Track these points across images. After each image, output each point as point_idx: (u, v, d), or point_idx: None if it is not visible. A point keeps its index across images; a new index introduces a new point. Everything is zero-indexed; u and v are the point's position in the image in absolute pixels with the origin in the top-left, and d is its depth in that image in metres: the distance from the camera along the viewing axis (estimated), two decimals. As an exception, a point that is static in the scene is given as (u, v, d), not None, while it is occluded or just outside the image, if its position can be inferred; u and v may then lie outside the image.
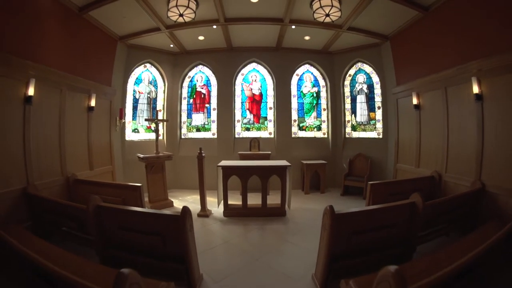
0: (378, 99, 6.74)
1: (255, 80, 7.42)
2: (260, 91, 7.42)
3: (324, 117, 7.48)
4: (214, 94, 7.29)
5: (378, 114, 6.75)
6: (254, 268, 3.09)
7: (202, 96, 7.43)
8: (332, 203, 2.63)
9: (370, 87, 6.91)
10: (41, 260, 1.90)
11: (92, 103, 4.95)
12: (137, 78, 6.79)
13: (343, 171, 6.62)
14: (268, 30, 5.99)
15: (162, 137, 7.08)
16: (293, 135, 7.30)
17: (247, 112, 7.39)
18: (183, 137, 7.38)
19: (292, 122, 7.31)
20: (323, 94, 7.50)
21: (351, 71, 7.22)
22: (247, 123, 7.39)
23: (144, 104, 6.92)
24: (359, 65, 7.08)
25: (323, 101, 7.51)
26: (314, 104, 7.48)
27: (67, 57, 4.42)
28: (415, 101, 5.10)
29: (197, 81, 7.44)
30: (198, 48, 6.97)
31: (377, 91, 6.76)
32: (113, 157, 5.72)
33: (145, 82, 6.93)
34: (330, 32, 5.98)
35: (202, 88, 7.43)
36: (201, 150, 4.91)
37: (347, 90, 7.28)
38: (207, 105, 7.40)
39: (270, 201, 5.04)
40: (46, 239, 2.86)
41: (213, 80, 7.32)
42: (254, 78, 7.42)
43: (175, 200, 5.78)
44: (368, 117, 6.97)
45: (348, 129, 7.24)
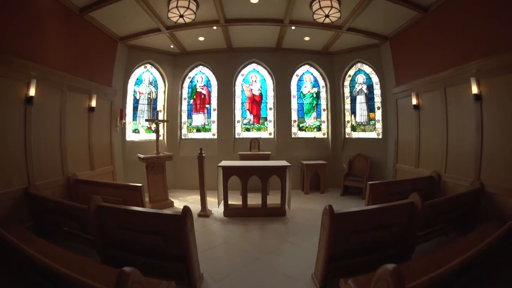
0: (378, 100, 6.76)
1: (255, 81, 7.44)
2: (260, 92, 7.44)
3: (324, 118, 7.50)
4: (214, 95, 7.31)
5: (378, 115, 6.76)
6: (254, 268, 3.10)
7: (202, 97, 7.44)
8: (332, 203, 2.65)
9: (370, 88, 6.93)
10: (43, 259, 1.91)
11: (93, 104, 4.98)
12: (138, 79, 6.81)
13: (343, 171, 6.63)
14: (268, 31, 6.01)
15: (163, 138, 7.10)
16: (293, 136, 7.31)
17: (247, 113, 7.41)
18: (183, 138, 7.40)
19: (292, 123, 7.33)
20: (323, 95, 7.52)
21: (351, 72, 7.24)
22: (247, 124, 7.40)
23: (145, 105, 6.94)
24: (359, 66, 7.10)
25: (323, 102, 7.53)
26: (314, 105, 7.50)
27: (68, 58, 4.44)
28: (415, 102, 5.12)
29: (197, 82, 7.46)
30: (198, 49, 7.00)
31: (377, 92, 6.78)
32: (114, 158, 5.74)
33: (146, 83, 6.95)
34: (330, 33, 6.00)
35: (202, 89, 7.45)
36: (202, 151, 4.93)
37: (347, 91, 7.30)
38: (207, 106, 7.42)
39: (270, 201, 5.06)
40: (47, 239, 2.87)
41: (213, 81, 7.34)
42: (254, 79, 7.44)
43: (176, 200, 5.80)
44: (368, 118, 6.99)
45: (348, 130, 7.25)
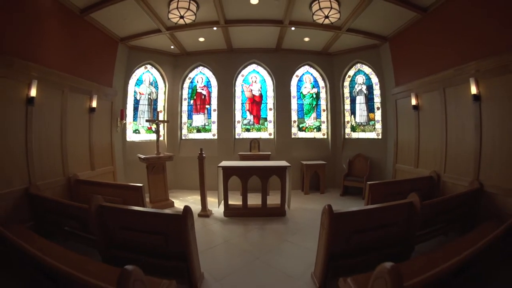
0: (377, 100, 6.78)
1: (255, 81, 7.46)
2: (260, 92, 7.46)
3: (324, 118, 7.52)
4: (215, 95, 7.33)
5: (377, 115, 6.78)
6: (254, 267, 3.12)
7: (203, 97, 7.47)
8: (332, 203, 2.65)
9: (369, 88, 6.95)
10: (44, 257, 1.93)
11: (94, 104, 5.00)
12: (138, 79, 6.83)
13: (343, 172, 6.65)
14: (268, 32, 6.03)
15: (163, 138, 7.12)
16: (293, 136, 7.33)
17: (247, 113, 7.43)
18: (184, 138, 7.42)
19: (292, 123, 7.35)
20: (323, 95, 7.55)
21: (351, 72, 7.26)
22: (247, 124, 7.42)
23: (145, 105, 6.96)
24: (358, 66, 7.12)
25: (323, 102, 7.55)
26: (314, 105, 7.52)
27: (69, 59, 4.46)
28: (414, 102, 5.14)
29: (198, 82, 7.48)
30: (199, 50, 7.02)
31: (376, 92, 6.80)
32: (114, 158, 5.75)
33: (146, 83, 6.97)
34: (330, 34, 6.02)
35: (203, 89, 7.47)
36: (202, 151, 4.94)
37: (347, 91, 7.32)
38: (208, 106, 7.44)
39: (270, 201, 5.07)
40: (48, 239, 2.88)
41: (214, 81, 7.36)
42: (254, 79, 7.46)
43: (176, 201, 5.81)
44: (368, 118, 7.01)
45: (348, 130, 7.27)
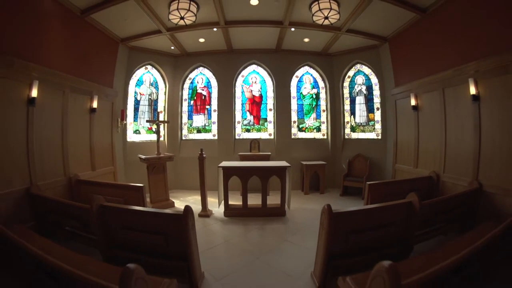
0: (377, 100, 6.80)
1: (255, 82, 7.49)
2: (260, 93, 7.48)
3: (324, 118, 7.54)
4: (215, 96, 7.36)
5: (377, 115, 6.80)
6: (254, 267, 3.13)
7: (203, 98, 7.49)
8: (331, 203, 2.66)
9: (369, 89, 6.97)
10: (45, 256, 1.94)
11: (94, 105, 5.02)
12: (138, 80, 6.85)
13: (343, 172, 6.66)
14: (268, 33, 6.05)
15: (163, 138, 7.13)
16: (293, 136, 7.35)
17: (247, 114, 7.45)
18: (184, 138, 7.44)
19: (292, 123, 7.37)
20: (323, 96, 7.57)
21: (350, 73, 7.28)
22: (247, 125, 7.44)
23: (145, 106, 6.99)
24: (358, 67, 7.14)
25: (323, 103, 7.57)
26: (314, 106, 7.54)
27: (70, 59, 4.48)
28: (413, 102, 5.16)
29: (198, 83, 7.50)
30: (199, 50, 7.04)
31: (376, 93, 6.82)
32: (115, 158, 5.77)
33: (146, 84, 7.00)
34: (329, 34, 6.04)
35: (203, 90, 7.50)
36: (202, 151, 4.96)
37: (346, 92, 7.34)
38: (208, 107, 7.46)
39: (270, 202, 5.09)
40: (49, 239, 2.89)
41: (214, 82, 7.39)
42: (254, 80, 7.48)
43: (176, 201, 5.83)
44: (367, 118, 7.03)
45: (347, 130, 7.29)
